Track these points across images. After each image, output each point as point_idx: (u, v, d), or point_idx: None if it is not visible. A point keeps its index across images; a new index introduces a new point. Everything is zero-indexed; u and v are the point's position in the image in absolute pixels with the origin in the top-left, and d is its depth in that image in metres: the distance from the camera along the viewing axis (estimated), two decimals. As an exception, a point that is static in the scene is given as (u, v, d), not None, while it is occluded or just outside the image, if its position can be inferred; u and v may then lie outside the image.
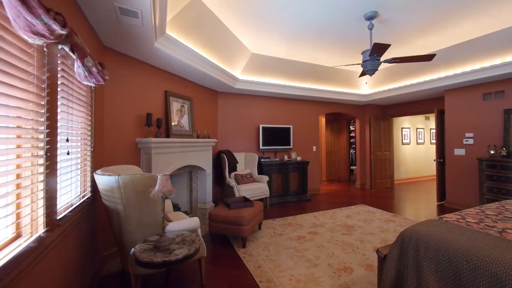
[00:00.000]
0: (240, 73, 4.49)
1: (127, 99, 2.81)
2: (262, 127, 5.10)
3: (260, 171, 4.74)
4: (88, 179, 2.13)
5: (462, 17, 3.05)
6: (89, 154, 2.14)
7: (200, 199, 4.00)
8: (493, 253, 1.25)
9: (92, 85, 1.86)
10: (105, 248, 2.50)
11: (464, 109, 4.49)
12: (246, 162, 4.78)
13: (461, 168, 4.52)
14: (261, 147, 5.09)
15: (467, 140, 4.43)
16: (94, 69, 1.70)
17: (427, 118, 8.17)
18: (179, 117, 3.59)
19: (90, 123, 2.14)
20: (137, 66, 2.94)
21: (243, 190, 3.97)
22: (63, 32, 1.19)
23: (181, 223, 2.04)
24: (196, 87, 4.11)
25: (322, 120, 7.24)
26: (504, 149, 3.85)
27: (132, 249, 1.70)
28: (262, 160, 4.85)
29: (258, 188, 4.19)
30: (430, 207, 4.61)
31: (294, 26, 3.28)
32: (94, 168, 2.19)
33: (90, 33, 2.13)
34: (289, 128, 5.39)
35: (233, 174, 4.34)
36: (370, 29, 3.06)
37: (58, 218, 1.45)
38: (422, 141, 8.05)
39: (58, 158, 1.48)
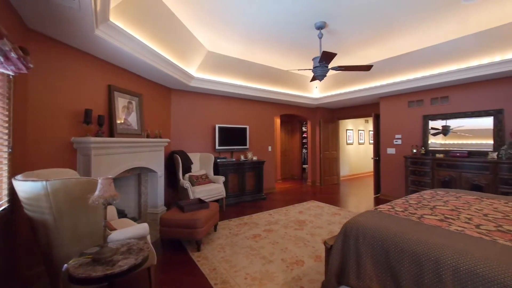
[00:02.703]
0: (196, 71, 4.34)
1: (60, 92, 2.43)
2: (219, 127, 5.03)
3: (216, 172, 4.67)
4: (5, 186, 1.77)
5: (395, 35, 3.55)
6: (6, 156, 1.78)
7: (150, 203, 3.72)
8: (413, 236, 1.48)
9: (11, 73, 1.55)
10: (29, 267, 2.11)
11: (394, 114, 5.23)
12: (201, 163, 4.64)
13: (392, 165, 5.24)
14: (217, 147, 5.01)
15: (397, 141, 5.17)
16: (13, 54, 1.42)
17: (367, 121, 9.25)
18: (126, 114, 3.27)
19: (7, 118, 1.78)
20: (73, 55, 2.57)
21: (198, 192, 3.85)
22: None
23: (127, 231, 1.86)
24: (146, 83, 3.81)
25: (277, 121, 7.52)
26: (423, 148, 4.61)
27: (65, 265, 1.47)
28: (218, 160, 4.78)
29: (214, 189, 4.11)
30: (368, 200, 5.23)
31: (251, 28, 3.32)
32: (12, 174, 1.83)
33: (8, 12, 1.78)
34: (246, 128, 5.44)
35: (187, 175, 4.17)
36: (320, 37, 3.30)
37: (-42, 236, 1.17)
38: (363, 141, 9.09)
39: (-41, 162, 1.19)
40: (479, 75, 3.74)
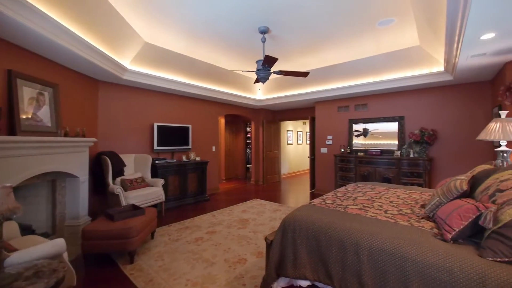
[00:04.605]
0: (130, 63, 3.90)
1: None
2: (158, 125, 4.65)
3: (155, 174, 4.31)
4: None
5: (326, 47, 3.97)
6: None
7: (69, 214, 3.14)
8: (339, 224, 1.69)
9: None
10: None
11: (327, 117, 5.88)
12: (136, 165, 4.20)
13: (324, 163, 5.88)
14: (155, 147, 4.63)
15: (328, 141, 5.82)
16: None
17: (304, 123, 10.12)
18: (35, 108, 2.68)
19: None
20: None
21: (132, 197, 3.47)
22: None
23: (34, 251, 1.52)
24: (64, 72, 3.21)
25: (222, 121, 7.46)
26: (349, 147, 5.33)
27: None
28: (156, 161, 4.41)
29: (152, 193, 3.78)
30: (305, 195, 5.72)
31: (194, 24, 3.19)
32: None
33: None
34: (188, 127, 5.20)
35: (119, 179, 3.70)
36: (263, 42, 3.43)
37: None
38: (301, 141, 9.89)
39: None
40: (388, 87, 4.56)
